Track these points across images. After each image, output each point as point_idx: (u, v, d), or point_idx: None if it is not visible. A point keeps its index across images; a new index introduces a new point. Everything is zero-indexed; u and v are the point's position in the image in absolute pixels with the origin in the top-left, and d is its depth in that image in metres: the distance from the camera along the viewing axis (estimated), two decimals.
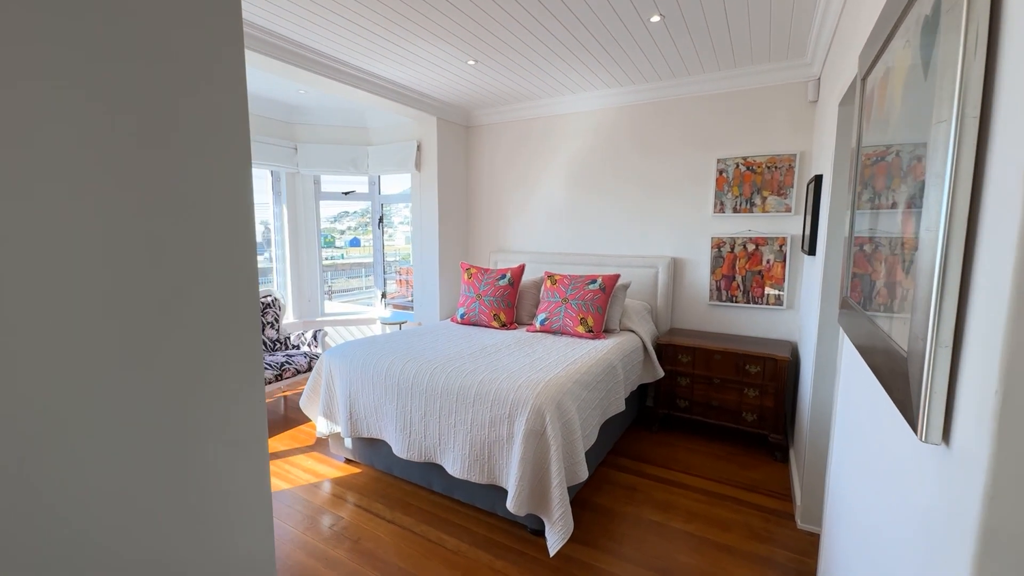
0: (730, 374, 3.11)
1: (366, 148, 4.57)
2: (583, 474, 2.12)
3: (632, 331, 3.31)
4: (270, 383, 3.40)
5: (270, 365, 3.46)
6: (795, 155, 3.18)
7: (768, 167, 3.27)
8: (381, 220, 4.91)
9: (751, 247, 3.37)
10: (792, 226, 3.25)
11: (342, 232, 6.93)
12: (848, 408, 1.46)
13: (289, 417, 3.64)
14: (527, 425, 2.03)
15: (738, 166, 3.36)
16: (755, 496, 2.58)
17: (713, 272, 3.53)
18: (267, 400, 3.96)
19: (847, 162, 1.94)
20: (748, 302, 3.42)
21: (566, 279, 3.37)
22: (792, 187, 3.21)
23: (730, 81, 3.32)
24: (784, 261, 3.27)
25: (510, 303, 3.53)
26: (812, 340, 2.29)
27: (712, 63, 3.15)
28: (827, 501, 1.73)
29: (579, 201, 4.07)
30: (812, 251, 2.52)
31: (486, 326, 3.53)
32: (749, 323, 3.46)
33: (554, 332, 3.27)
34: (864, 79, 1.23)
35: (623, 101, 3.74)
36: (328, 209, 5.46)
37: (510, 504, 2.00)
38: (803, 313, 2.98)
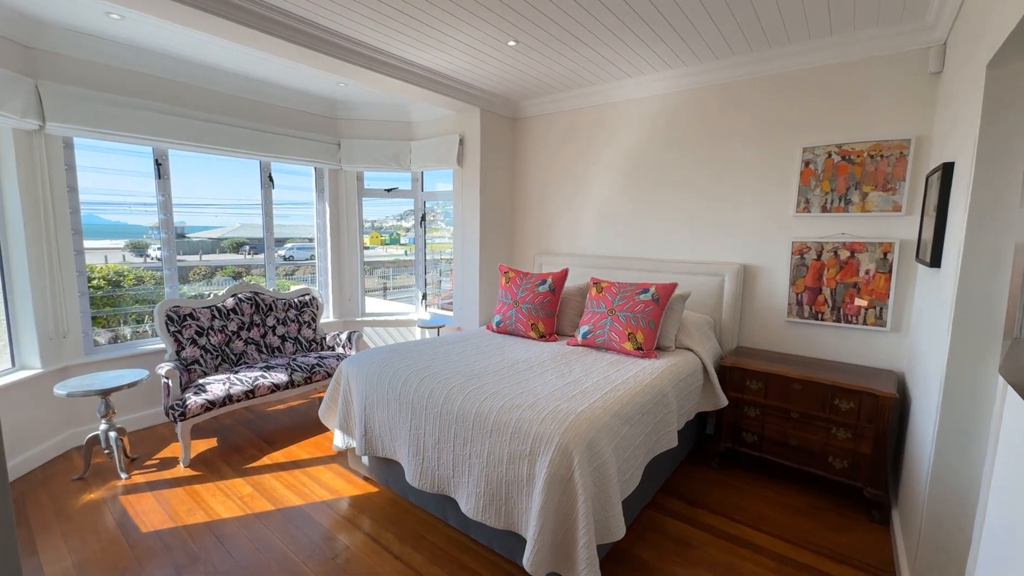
0: (814, 408, 2.56)
1: (408, 143, 4.39)
2: (618, 531, 1.73)
3: (690, 350, 2.84)
4: (299, 385, 3.27)
5: (300, 367, 3.34)
6: (908, 140, 2.56)
7: (871, 156, 2.66)
8: (423, 218, 4.72)
9: (844, 254, 2.77)
10: (902, 229, 2.62)
11: (408, 229, 6.88)
12: (1020, 498, 0.98)
13: (318, 422, 3.51)
14: (550, 468, 1.67)
15: (830, 156, 2.78)
16: (845, 570, 2.04)
17: (793, 283, 2.95)
18: (299, 402, 3.89)
19: (1005, 143, 1.40)
20: (838, 320, 2.82)
21: (614, 287, 2.95)
22: (903, 180, 2.58)
23: (823, 53, 2.74)
24: (889, 272, 2.65)
25: (550, 312, 3.17)
26: (935, 378, 1.74)
27: (801, 31, 2.60)
28: None
29: (632, 199, 3.62)
30: (935, 262, 1.95)
31: (523, 336, 3.19)
32: (839, 346, 2.85)
33: (597, 347, 2.87)
34: None
35: (687, 84, 3.25)
36: (375, 209, 5.37)
37: (527, 563, 1.66)
38: (916, 339, 2.37)
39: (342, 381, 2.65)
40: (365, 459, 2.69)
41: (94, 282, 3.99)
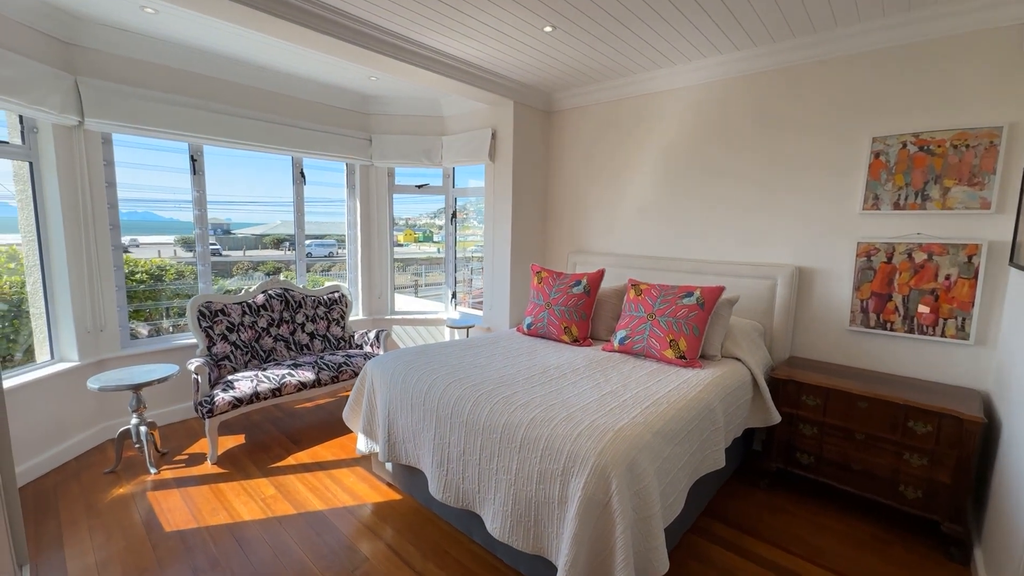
0: (881, 429, 2.28)
1: (440, 138, 4.29)
2: (661, 565, 1.54)
3: (737, 359, 2.60)
4: (326, 384, 3.22)
5: (327, 366, 3.29)
6: (1000, 128, 2.24)
7: (954, 146, 2.35)
8: (454, 215, 4.61)
9: (920, 257, 2.47)
10: (992, 229, 2.30)
11: (441, 227, 6.85)
12: None
13: (344, 423, 3.44)
14: (585, 491, 1.50)
15: (905, 146, 2.48)
16: None
17: (858, 288, 2.66)
18: (326, 400, 3.85)
19: None
20: (910, 331, 2.52)
21: (654, 289, 2.74)
22: (993, 173, 2.27)
23: (899, 31, 2.45)
24: (975, 278, 2.33)
25: (584, 315, 2.99)
26: None
27: (874, 6, 2.32)
28: None
29: (674, 196, 3.38)
30: None
31: (555, 340, 3.02)
32: (912, 360, 2.55)
33: (635, 354, 2.67)
34: None
35: (739, 70, 2.99)
36: (409, 206, 5.32)
37: None
38: (1009, 355, 2.06)
39: (366, 383, 2.56)
40: (389, 465, 2.60)
41: (137, 276, 4.09)
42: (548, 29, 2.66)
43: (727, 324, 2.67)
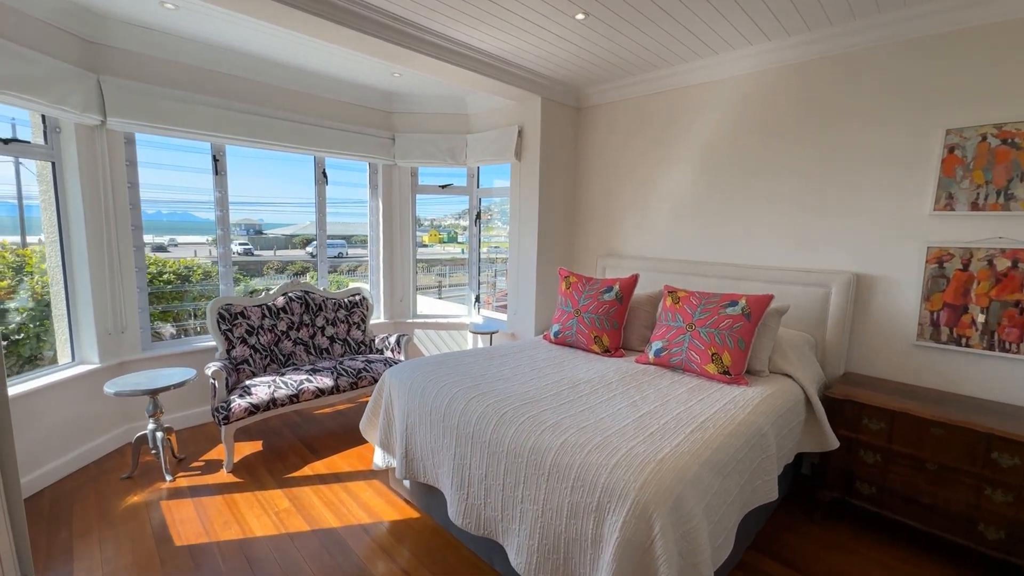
0: (958, 460, 2.01)
1: (464, 136, 4.15)
2: None
3: (787, 375, 2.36)
4: (344, 391, 3.11)
5: (346, 371, 3.18)
6: None
7: None
8: (479, 216, 4.47)
9: (1003, 264, 2.18)
10: None
11: (465, 228, 6.76)
12: None
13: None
14: (624, 532, 1.31)
15: (986, 139, 2.19)
16: None
17: (927, 298, 2.38)
18: (346, 406, 3.75)
19: None
20: (990, 348, 2.23)
21: (694, 297, 2.52)
22: None
23: (979, 10, 2.16)
24: None
25: (616, 323, 2.78)
26: None
27: None
28: None
29: (714, 195, 3.14)
30: None
31: (584, 349, 2.83)
32: (992, 381, 2.26)
33: (672, 367, 2.45)
34: None
35: (789, 58, 2.74)
36: (434, 207, 5.22)
37: None
38: None
39: (384, 393, 2.43)
40: (407, 481, 2.46)
41: (165, 276, 4.09)
42: (580, 16, 2.48)
43: (775, 336, 2.43)
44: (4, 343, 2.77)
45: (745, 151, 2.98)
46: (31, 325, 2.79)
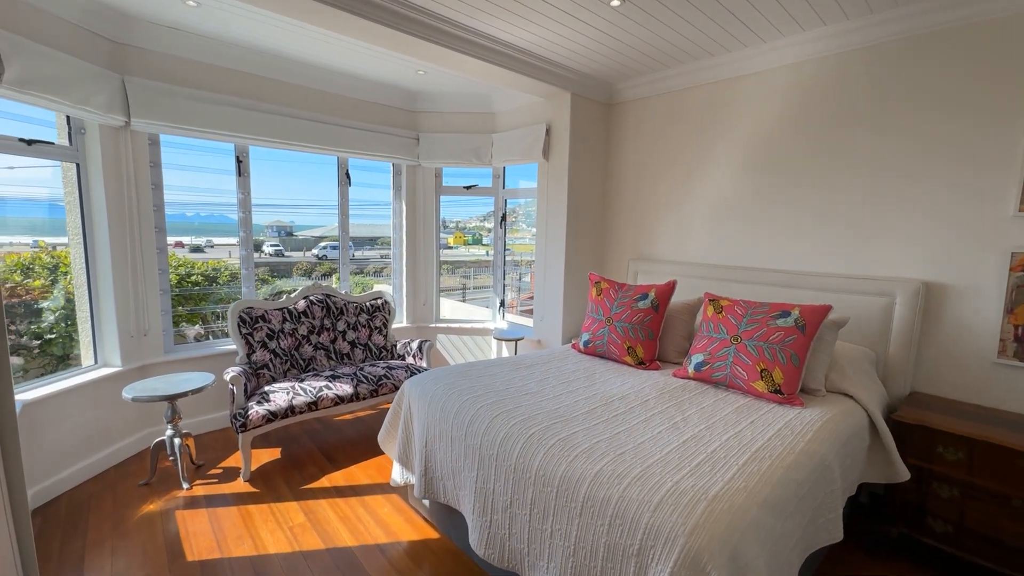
0: None
1: (490, 136, 4.01)
2: None
3: (847, 395, 2.12)
4: (364, 398, 3.00)
5: (366, 378, 3.08)
6: None
7: None
8: (504, 218, 4.32)
9: None
10: None
11: (490, 230, 6.65)
12: None
13: None
14: None
15: None
16: None
17: (1011, 311, 2.10)
18: (367, 412, 3.65)
19: None
20: None
21: (739, 306, 2.30)
22: None
23: None
24: None
25: (651, 334, 2.58)
26: None
27: None
28: None
29: (759, 195, 2.91)
30: None
31: (616, 361, 2.64)
32: None
33: (715, 383, 2.24)
34: None
35: (847, 43, 2.49)
36: (459, 209, 5.11)
37: None
38: None
39: (403, 405, 2.30)
40: (426, 500, 2.32)
41: (193, 278, 4.10)
42: (616, 3, 2.30)
43: (832, 351, 2.19)
44: (38, 342, 2.78)
45: (795, 147, 2.74)
46: (63, 324, 2.79)
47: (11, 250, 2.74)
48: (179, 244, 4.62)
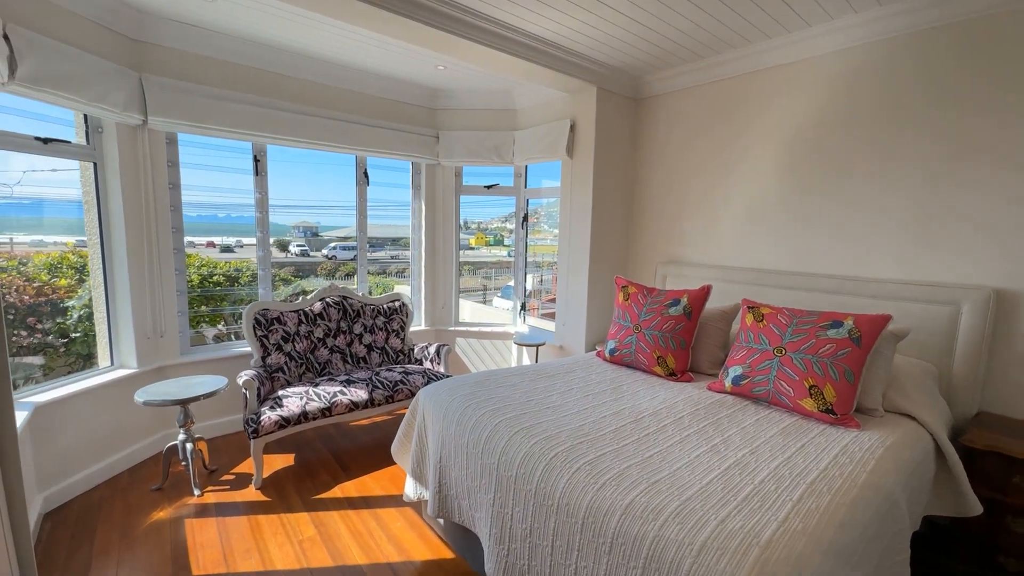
0: None
1: (512, 133, 3.87)
2: None
3: (910, 417, 1.89)
4: (379, 404, 2.90)
5: (382, 384, 2.97)
6: None
7: None
8: (526, 218, 4.18)
9: None
10: None
11: (511, 231, 6.50)
12: None
13: None
14: None
15: None
16: None
17: None
18: (382, 418, 3.55)
19: None
20: None
21: (782, 315, 2.10)
22: None
23: None
24: None
25: (683, 343, 2.40)
26: None
27: None
28: None
29: (801, 192, 2.68)
30: None
31: (645, 371, 2.46)
32: None
33: (755, 399, 2.04)
34: None
35: (902, 26, 2.26)
36: (480, 209, 4.99)
37: None
38: None
39: (417, 415, 2.17)
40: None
41: (215, 278, 4.08)
42: None
43: (891, 367, 1.96)
44: (63, 341, 2.76)
45: (843, 141, 2.51)
46: (88, 323, 2.78)
47: (40, 249, 2.74)
48: (211, 244, 4.63)
